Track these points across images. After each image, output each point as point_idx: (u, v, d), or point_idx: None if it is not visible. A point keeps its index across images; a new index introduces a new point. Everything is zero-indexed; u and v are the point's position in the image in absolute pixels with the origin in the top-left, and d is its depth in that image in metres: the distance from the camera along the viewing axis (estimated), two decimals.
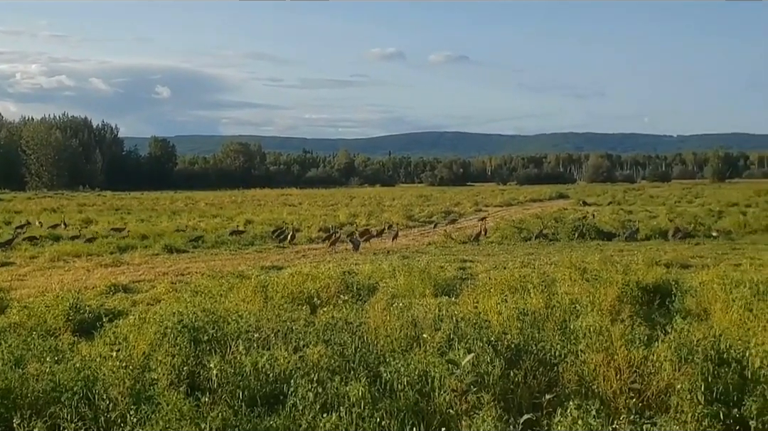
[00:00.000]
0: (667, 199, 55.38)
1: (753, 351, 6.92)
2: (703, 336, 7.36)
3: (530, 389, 6.71)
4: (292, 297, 11.13)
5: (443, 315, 8.70)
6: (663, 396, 6.44)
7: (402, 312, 8.70)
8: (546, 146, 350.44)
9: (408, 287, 12.64)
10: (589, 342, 7.31)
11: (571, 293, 10.55)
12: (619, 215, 34.27)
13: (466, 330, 7.80)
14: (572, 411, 5.63)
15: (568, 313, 9.08)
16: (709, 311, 9.89)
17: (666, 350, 6.90)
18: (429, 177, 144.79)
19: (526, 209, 45.41)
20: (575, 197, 60.74)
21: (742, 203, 45.89)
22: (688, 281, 11.98)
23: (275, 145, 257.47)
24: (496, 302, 9.40)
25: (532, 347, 7.41)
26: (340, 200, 58.42)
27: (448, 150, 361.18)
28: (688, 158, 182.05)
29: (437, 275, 13.81)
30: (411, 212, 39.92)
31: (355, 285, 12.57)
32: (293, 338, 8.07)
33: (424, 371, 6.72)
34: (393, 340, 7.88)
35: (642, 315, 9.80)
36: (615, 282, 10.97)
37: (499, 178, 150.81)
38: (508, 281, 11.83)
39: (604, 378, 6.67)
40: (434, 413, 6.32)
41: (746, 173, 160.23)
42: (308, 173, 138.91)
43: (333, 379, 6.65)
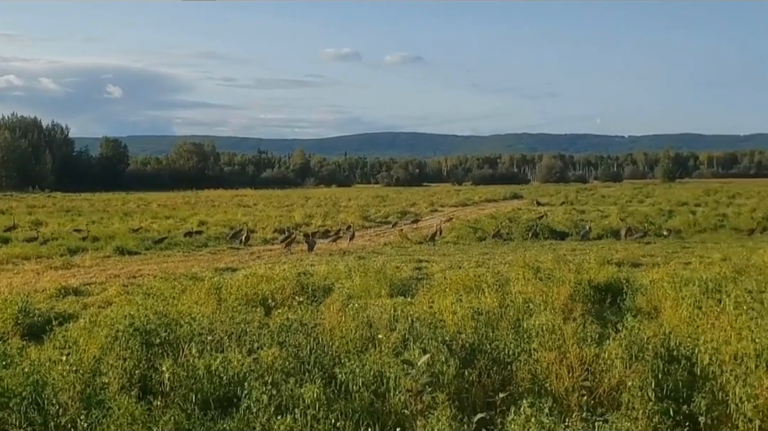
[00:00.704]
0: (619, 198, 56.30)
1: (702, 348, 7.06)
2: (653, 334, 7.50)
3: (484, 388, 6.77)
4: (247, 299, 11.03)
5: (399, 315, 8.71)
6: (614, 393, 6.54)
7: (357, 313, 8.67)
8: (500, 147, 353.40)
9: (364, 288, 12.63)
10: (542, 340, 7.39)
11: (524, 292, 10.65)
12: (572, 215, 34.77)
13: (422, 330, 7.83)
14: (525, 409, 5.68)
15: (522, 312, 9.16)
16: (660, 309, 10.06)
17: (617, 348, 7.01)
18: (385, 177, 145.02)
19: (481, 209, 45.77)
20: (529, 197, 61.45)
21: (692, 203, 46.91)
22: (639, 280, 12.17)
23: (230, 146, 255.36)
24: (451, 302, 9.44)
25: (486, 346, 7.47)
26: (296, 201, 58.14)
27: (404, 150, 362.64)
28: (639, 158, 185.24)
29: (393, 275, 13.83)
30: (367, 213, 39.93)
31: (311, 286, 12.53)
32: (247, 340, 7.99)
33: (380, 372, 6.72)
34: (348, 341, 7.86)
35: (594, 314, 9.95)
36: (568, 281, 11.10)
37: (454, 178, 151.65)
38: (463, 281, 11.89)
39: (557, 376, 6.75)
40: (389, 413, 6.33)
41: (696, 173, 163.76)
42: (263, 174, 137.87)
43: (287, 381, 6.61)
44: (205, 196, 72.22)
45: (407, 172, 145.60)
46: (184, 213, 41.05)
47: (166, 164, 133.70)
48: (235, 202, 58.53)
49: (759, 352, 6.54)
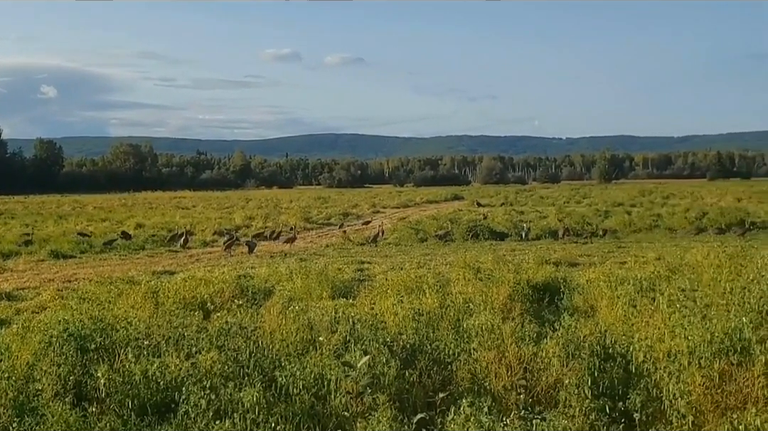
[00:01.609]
0: (557, 199, 57.20)
1: (636, 345, 7.22)
2: (589, 332, 7.64)
3: (425, 388, 6.80)
4: (185, 303, 10.87)
5: (340, 317, 8.69)
6: (552, 391, 6.64)
7: (298, 316, 8.62)
8: (441, 148, 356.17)
9: (305, 290, 12.56)
10: (482, 340, 7.47)
11: (465, 292, 10.72)
12: (512, 216, 35.16)
13: (363, 332, 7.82)
14: (465, 408, 5.72)
15: (462, 312, 9.23)
16: (596, 308, 10.24)
17: (554, 346, 7.12)
18: (327, 179, 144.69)
19: (423, 210, 45.97)
20: (470, 198, 61.95)
21: (627, 203, 47.93)
22: (576, 279, 12.37)
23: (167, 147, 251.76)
24: (393, 303, 9.46)
25: (427, 347, 7.50)
26: (236, 202, 57.54)
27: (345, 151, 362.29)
28: (577, 160, 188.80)
29: (335, 277, 13.78)
30: (309, 214, 39.77)
31: (251, 289, 12.40)
32: (185, 344, 7.86)
33: (320, 374, 6.70)
34: (289, 344, 7.81)
35: (532, 313, 10.06)
36: (507, 281, 11.21)
37: (396, 179, 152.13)
38: (404, 282, 11.92)
39: (496, 375, 6.81)
40: (330, 416, 6.31)
41: (631, 174, 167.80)
42: (202, 175, 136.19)
43: (226, 385, 6.54)
44: (143, 198, 71.06)
45: (349, 174, 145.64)
46: (120, 215, 40.25)
47: (102, 166, 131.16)
48: (173, 203, 57.62)
49: (692, 349, 6.71)
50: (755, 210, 35.89)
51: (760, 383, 6.10)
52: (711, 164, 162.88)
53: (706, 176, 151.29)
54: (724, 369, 6.33)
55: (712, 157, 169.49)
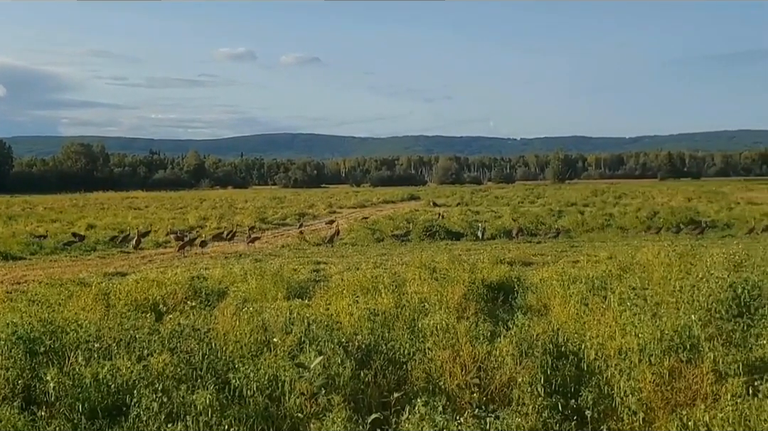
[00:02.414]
0: (512, 199, 57.76)
1: (588, 343, 7.32)
2: (542, 331, 7.71)
3: (380, 388, 6.79)
4: (137, 305, 10.73)
5: (295, 318, 8.64)
6: (506, 389, 6.68)
7: (252, 317, 8.55)
8: (398, 148, 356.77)
9: (260, 291, 12.46)
10: (437, 339, 7.49)
11: (420, 292, 10.74)
12: (467, 216, 35.42)
13: (318, 333, 7.79)
14: (420, 408, 5.73)
15: (418, 312, 9.25)
16: (549, 306, 10.35)
17: (508, 345, 7.18)
18: (283, 179, 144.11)
19: (380, 210, 46.04)
20: (426, 198, 62.29)
21: (580, 203, 48.61)
22: (530, 278, 12.51)
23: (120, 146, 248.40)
24: (348, 303, 9.45)
25: (382, 347, 7.49)
26: (190, 203, 56.95)
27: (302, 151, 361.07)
28: (531, 160, 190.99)
29: (290, 278, 13.71)
30: (264, 215, 39.53)
31: (204, 290, 12.27)
32: (137, 347, 7.76)
33: (274, 375, 6.65)
34: (242, 346, 7.74)
35: (487, 312, 10.13)
36: (462, 280, 11.28)
37: (353, 179, 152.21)
38: (360, 282, 11.91)
39: (451, 374, 6.84)
40: (284, 417, 6.27)
41: (584, 174, 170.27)
42: (156, 175, 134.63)
43: (179, 388, 6.47)
44: (94, 198, 69.94)
45: (305, 174, 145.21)
46: (71, 216, 39.54)
47: (52, 166, 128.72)
48: (125, 204, 56.80)
49: (642, 347, 6.82)
50: (705, 209, 36.69)
51: (709, 380, 6.21)
52: (662, 164, 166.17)
53: (658, 176, 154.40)
54: (674, 366, 6.44)
55: (663, 157, 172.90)
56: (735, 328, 7.91)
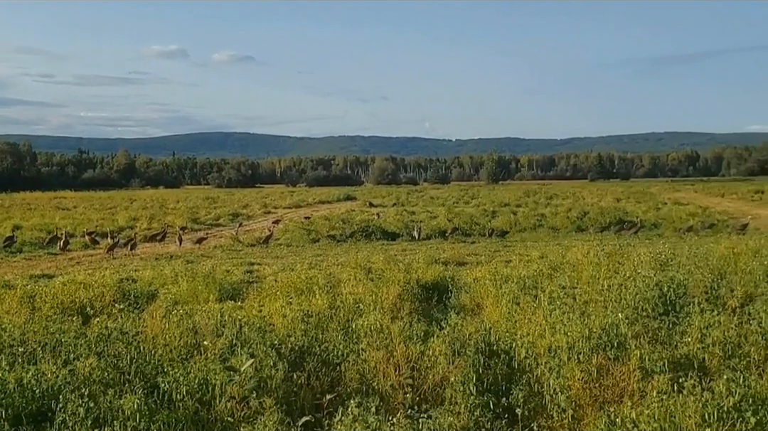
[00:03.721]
0: (447, 200, 58.21)
1: (519, 342, 7.42)
2: (475, 330, 7.78)
3: (313, 390, 6.75)
4: (63, 308, 10.46)
5: (226, 320, 8.52)
6: (438, 389, 6.72)
7: (182, 320, 8.41)
8: (334, 148, 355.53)
9: (191, 293, 12.26)
10: (371, 340, 7.49)
11: (355, 293, 10.73)
12: (403, 216, 35.56)
13: (250, 335, 7.70)
14: (353, 409, 5.70)
15: (352, 313, 9.25)
16: (482, 305, 10.47)
17: (441, 345, 7.22)
18: (216, 178, 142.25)
19: (316, 211, 45.82)
20: (362, 199, 62.31)
21: (513, 203, 49.31)
22: (464, 278, 12.62)
23: (47, 145, 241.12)
24: (282, 305, 9.37)
25: (315, 348, 7.46)
26: (120, 203, 55.67)
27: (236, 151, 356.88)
28: (466, 161, 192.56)
29: (223, 279, 13.54)
30: (197, 215, 38.96)
31: (134, 292, 12.03)
32: (63, 351, 7.58)
33: (205, 379, 6.55)
34: (172, 349, 7.60)
35: (421, 312, 10.19)
36: (397, 281, 11.31)
37: (288, 179, 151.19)
38: (294, 283, 11.84)
39: (384, 374, 6.84)
40: (215, 421, 6.18)
41: (517, 175, 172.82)
42: (85, 175, 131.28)
43: (106, 393, 6.32)
44: (21, 198, 67.66)
45: (239, 173, 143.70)
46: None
47: None
48: (53, 204, 55.17)
49: (571, 345, 6.94)
50: (633, 210, 37.62)
51: (636, 377, 6.35)
52: (592, 165, 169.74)
53: (588, 177, 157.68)
54: (602, 364, 6.56)
55: (593, 158, 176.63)
56: (661, 326, 8.14)
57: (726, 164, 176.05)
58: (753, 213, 36.59)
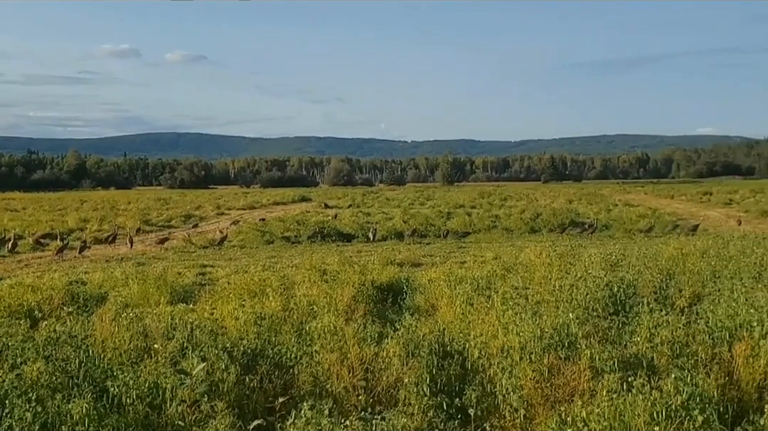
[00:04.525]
0: (402, 201, 58.29)
1: (472, 342, 7.47)
2: (429, 331, 7.81)
3: (266, 393, 6.69)
4: (10, 311, 10.24)
5: (177, 323, 8.41)
6: (392, 390, 6.72)
7: (132, 323, 8.29)
8: (289, 149, 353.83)
9: (142, 295, 12.08)
10: (324, 342, 7.46)
11: (309, 295, 10.68)
12: (359, 217, 35.52)
13: (201, 338, 7.62)
14: (306, 412, 5.67)
15: (306, 315, 9.20)
16: (436, 306, 10.49)
17: (395, 346, 7.22)
18: (168, 179, 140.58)
19: (270, 212, 45.52)
20: (317, 200, 62.09)
21: (468, 205, 49.55)
22: (419, 279, 12.64)
23: None
24: (234, 307, 9.28)
25: (268, 351, 7.40)
26: (70, 204, 54.65)
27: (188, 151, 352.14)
28: (421, 163, 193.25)
29: (174, 282, 13.36)
30: (148, 216, 38.41)
31: (83, 295, 11.80)
32: (9, 355, 7.39)
33: (155, 383, 6.45)
34: (122, 352, 7.49)
35: (376, 314, 10.18)
36: (352, 282, 11.28)
37: (242, 180, 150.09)
38: (247, 285, 11.74)
39: (338, 376, 6.82)
40: (165, 425, 6.10)
41: (472, 176, 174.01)
42: (34, 175, 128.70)
43: (54, 397, 6.20)
44: None
45: (192, 174, 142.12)
46: None
47: None
48: (1, 206, 53.88)
49: (523, 345, 7.01)
50: (585, 211, 38.14)
51: (586, 376, 6.43)
52: (545, 167, 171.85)
53: (541, 179, 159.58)
54: (553, 363, 6.63)
55: (546, 160, 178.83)
56: (611, 326, 8.26)
57: (675, 166, 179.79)
58: (702, 214, 37.39)
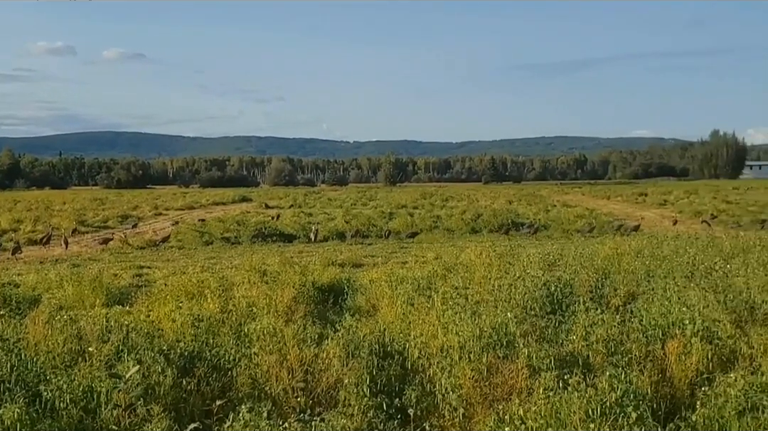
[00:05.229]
0: (344, 201, 58.22)
1: (413, 342, 7.51)
2: (369, 332, 7.82)
3: (203, 396, 6.61)
4: None
5: (113, 326, 8.24)
6: (332, 391, 6.70)
7: (66, 325, 8.10)
8: (229, 149, 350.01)
9: (77, 297, 11.82)
10: (263, 344, 7.40)
11: (249, 296, 10.58)
12: (300, 218, 35.35)
13: (137, 341, 7.48)
14: (244, 414, 5.62)
15: (245, 317, 9.12)
16: (377, 307, 10.51)
17: (335, 347, 7.21)
18: (105, 179, 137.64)
19: (210, 212, 44.97)
20: (258, 200, 61.60)
21: (410, 205, 49.72)
22: (360, 279, 12.65)
23: None
24: (171, 309, 9.13)
25: (206, 353, 7.31)
26: (2, 205, 53.04)
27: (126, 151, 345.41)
28: (364, 163, 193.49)
29: (110, 283, 13.11)
30: (84, 217, 37.56)
31: (15, 297, 11.50)
32: None
33: (89, 387, 6.32)
34: (55, 356, 7.32)
35: (317, 315, 10.16)
36: (293, 283, 11.23)
37: (181, 180, 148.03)
38: (185, 287, 11.58)
39: (277, 378, 6.77)
40: (100, 430, 5.96)
41: (414, 177, 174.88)
42: None
43: None
44: None
45: (130, 174, 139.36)
46: None
47: None
48: None
49: (462, 344, 7.07)
50: (524, 212, 38.64)
51: (524, 374, 6.52)
52: (486, 168, 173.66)
53: (482, 180, 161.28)
54: (492, 362, 6.71)
55: (487, 161, 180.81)
56: (548, 325, 8.40)
57: (612, 167, 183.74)
58: (637, 214, 38.30)
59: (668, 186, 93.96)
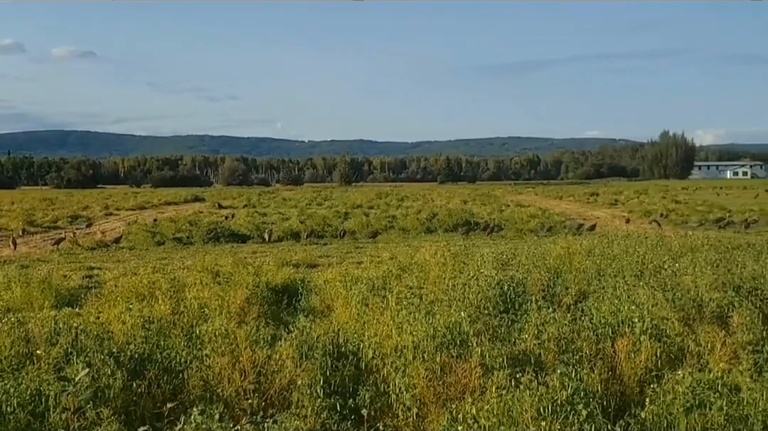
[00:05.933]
0: (299, 201, 57.99)
1: (367, 343, 7.50)
2: (323, 332, 7.79)
3: (154, 399, 6.52)
4: None
5: (62, 328, 8.07)
6: (285, 393, 6.66)
7: (14, 328, 7.90)
8: (181, 148, 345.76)
9: (25, 299, 11.57)
10: (215, 345, 7.32)
11: (200, 297, 10.46)
12: (254, 218, 35.07)
13: (87, 343, 7.35)
14: (195, 417, 5.54)
15: (197, 318, 9.02)
16: (332, 307, 10.48)
17: (289, 348, 7.17)
18: (55, 179, 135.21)
19: (161, 212, 44.39)
20: (211, 200, 61.02)
21: (366, 205, 49.74)
22: (315, 280, 12.59)
23: None
24: (121, 311, 8.98)
25: (157, 355, 7.22)
26: None
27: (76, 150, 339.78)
28: (319, 163, 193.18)
29: (60, 285, 12.84)
30: (33, 217, 36.77)
31: None
32: None
33: (37, 390, 6.18)
34: (2, 359, 7.14)
35: (270, 315, 10.09)
36: (246, 284, 11.13)
37: (132, 180, 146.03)
38: (136, 288, 11.42)
39: (229, 380, 6.71)
40: None
41: (370, 177, 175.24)
42: None
43: None
44: None
45: (80, 173, 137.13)
46: None
47: None
48: None
49: (416, 344, 7.09)
50: (479, 212, 38.94)
51: (477, 373, 6.56)
52: (441, 168, 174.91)
53: (437, 179, 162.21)
54: (445, 361, 6.74)
55: (442, 161, 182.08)
56: (501, 324, 8.47)
57: (565, 168, 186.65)
58: (589, 214, 38.89)
59: (619, 186, 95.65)
